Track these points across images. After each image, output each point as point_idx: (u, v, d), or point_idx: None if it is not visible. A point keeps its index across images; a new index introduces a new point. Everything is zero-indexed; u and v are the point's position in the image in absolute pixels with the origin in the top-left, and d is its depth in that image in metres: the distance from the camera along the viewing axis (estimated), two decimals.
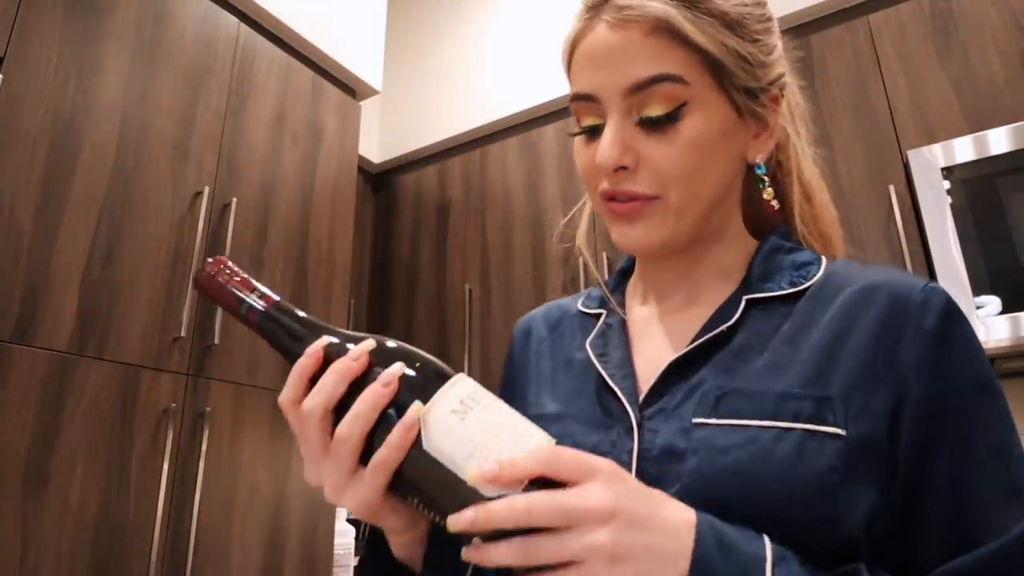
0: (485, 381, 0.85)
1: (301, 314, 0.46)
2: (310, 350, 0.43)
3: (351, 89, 2.15)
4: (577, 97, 0.55)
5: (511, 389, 0.67)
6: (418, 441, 0.40)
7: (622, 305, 0.65)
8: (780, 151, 0.62)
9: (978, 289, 1.44)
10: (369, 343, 0.43)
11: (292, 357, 0.44)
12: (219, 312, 1.54)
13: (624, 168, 0.52)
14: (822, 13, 1.88)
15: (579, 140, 0.57)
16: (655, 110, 0.51)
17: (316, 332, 0.45)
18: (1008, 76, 1.58)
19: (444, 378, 0.42)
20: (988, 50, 1.62)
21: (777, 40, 0.57)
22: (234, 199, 1.63)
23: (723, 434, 0.47)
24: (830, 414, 0.46)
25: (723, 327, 0.53)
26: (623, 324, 0.62)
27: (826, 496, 0.44)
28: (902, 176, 1.63)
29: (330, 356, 0.43)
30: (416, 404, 0.40)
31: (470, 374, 1.35)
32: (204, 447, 1.46)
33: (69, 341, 1.28)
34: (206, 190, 1.56)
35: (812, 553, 0.43)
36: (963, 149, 1.53)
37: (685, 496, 0.44)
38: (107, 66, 1.44)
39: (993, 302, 1.42)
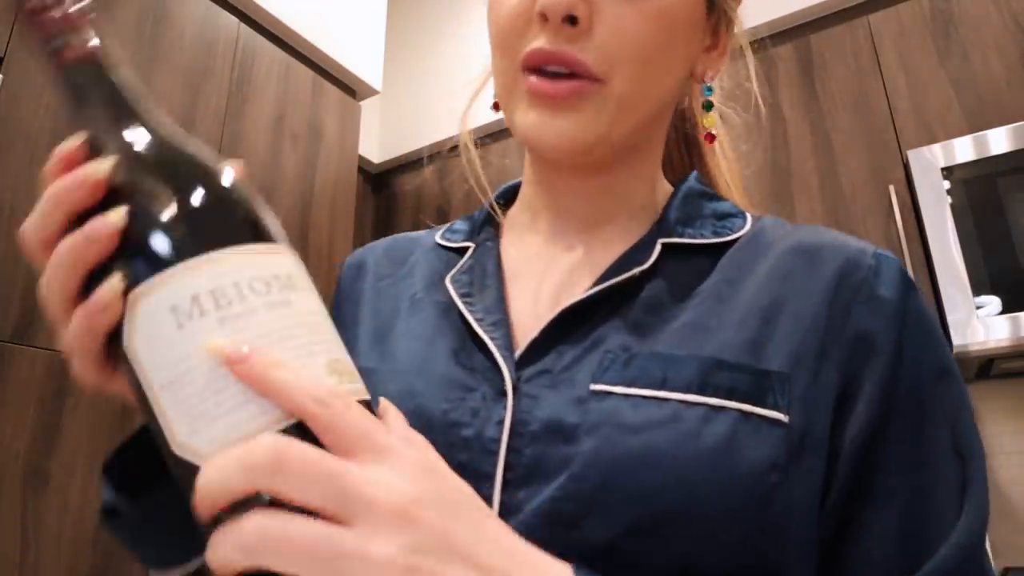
0: None
1: (126, 89, 0.30)
2: (59, 149, 0.28)
3: (351, 89, 2.15)
4: None
5: None
6: (120, 330, 0.26)
7: (495, 239, 0.50)
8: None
9: (978, 289, 1.44)
10: (108, 163, 0.27)
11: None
12: None
13: (573, 23, 0.39)
14: (822, 13, 1.88)
15: None
16: None
17: (121, 122, 0.29)
18: (1008, 76, 1.58)
19: (227, 242, 0.26)
20: (988, 50, 1.62)
21: None
22: None
23: (633, 407, 0.36)
24: (770, 394, 0.36)
25: (635, 271, 0.41)
26: (498, 262, 0.48)
27: (761, 503, 0.33)
28: (902, 176, 1.63)
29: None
30: (114, 280, 0.25)
31: None
32: None
33: None
34: None
35: None
36: (963, 149, 1.53)
37: (573, 491, 0.34)
38: None
39: (993, 302, 1.42)
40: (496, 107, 0.50)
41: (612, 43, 0.40)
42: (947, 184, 1.53)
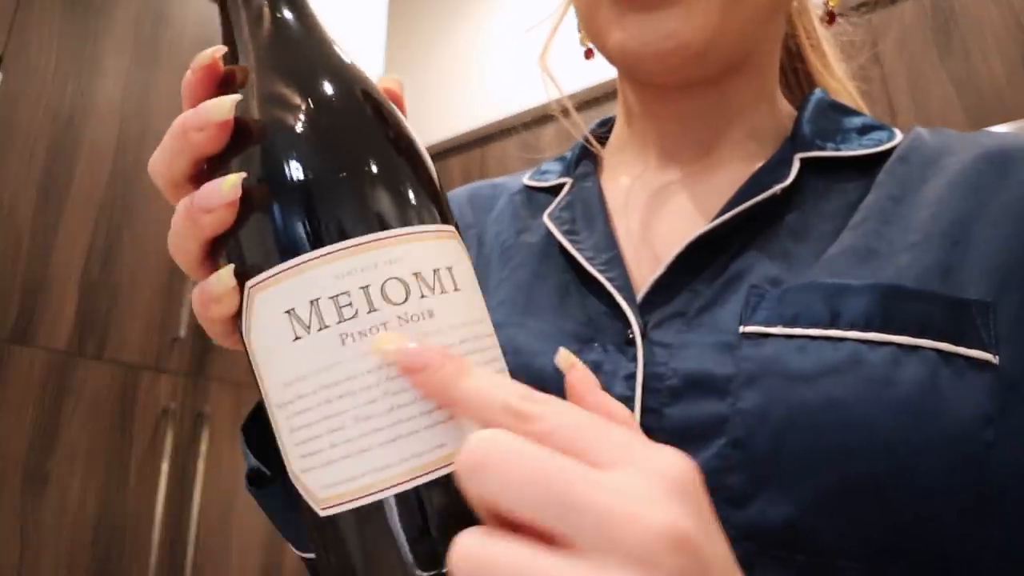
0: None
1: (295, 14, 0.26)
2: (200, 58, 0.25)
3: None
4: None
5: None
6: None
7: (595, 174, 0.43)
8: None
9: None
10: (230, 101, 0.23)
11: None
12: None
13: None
14: None
15: None
16: None
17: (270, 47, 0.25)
18: (1009, 75, 1.58)
19: (362, 228, 0.21)
20: (989, 49, 1.61)
21: None
22: None
23: (799, 351, 0.29)
24: (971, 329, 0.28)
25: (776, 188, 0.34)
26: (601, 196, 0.41)
27: (977, 465, 0.26)
28: None
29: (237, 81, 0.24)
30: (224, 273, 0.22)
31: None
32: (204, 447, 1.46)
33: (68, 341, 1.28)
34: None
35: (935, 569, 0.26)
36: None
37: (738, 459, 0.28)
38: (106, 66, 1.44)
39: None
40: (588, 54, 0.44)
41: None
42: None
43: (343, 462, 0.20)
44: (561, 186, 0.44)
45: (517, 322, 0.36)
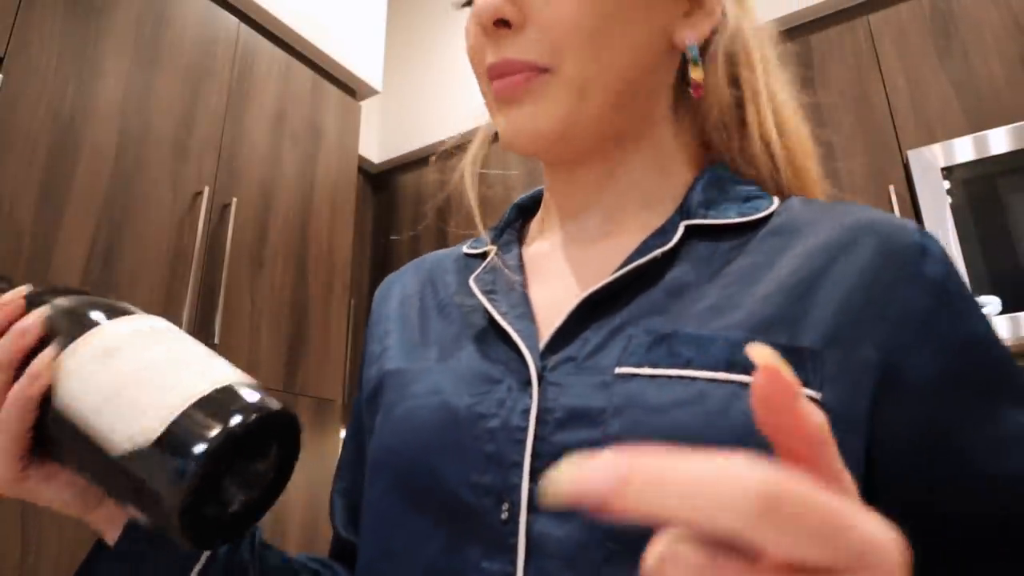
0: None
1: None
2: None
3: (351, 89, 2.15)
4: None
5: (366, 364, 0.53)
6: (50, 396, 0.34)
7: (517, 242, 0.52)
8: (741, 64, 0.48)
9: (978, 289, 1.44)
10: (24, 288, 0.37)
11: None
12: (219, 311, 1.54)
13: (507, 26, 0.41)
14: (822, 13, 1.88)
15: (469, 17, 0.47)
16: None
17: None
18: (1008, 76, 1.58)
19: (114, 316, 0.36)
20: (988, 50, 1.62)
21: None
22: (234, 199, 1.63)
23: (658, 388, 0.35)
24: (800, 371, 0.35)
25: (657, 252, 0.41)
26: (520, 261, 0.49)
27: None
28: (902, 176, 1.63)
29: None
30: (48, 350, 0.34)
31: None
32: None
33: None
34: (206, 190, 1.55)
35: None
36: (963, 149, 1.53)
37: None
38: (107, 66, 1.44)
39: (993, 302, 1.42)
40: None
41: (552, 31, 0.40)
42: (947, 184, 1.53)
43: (176, 387, 0.32)
44: (490, 252, 0.52)
45: (441, 368, 0.44)
